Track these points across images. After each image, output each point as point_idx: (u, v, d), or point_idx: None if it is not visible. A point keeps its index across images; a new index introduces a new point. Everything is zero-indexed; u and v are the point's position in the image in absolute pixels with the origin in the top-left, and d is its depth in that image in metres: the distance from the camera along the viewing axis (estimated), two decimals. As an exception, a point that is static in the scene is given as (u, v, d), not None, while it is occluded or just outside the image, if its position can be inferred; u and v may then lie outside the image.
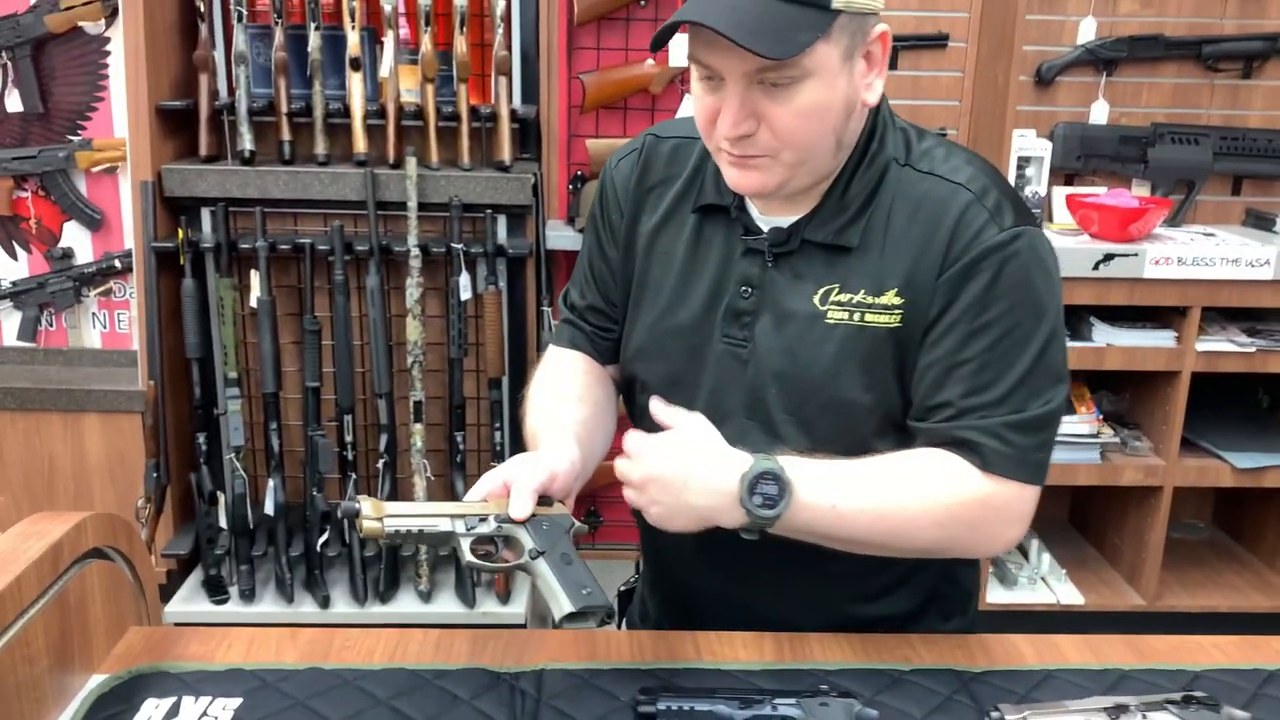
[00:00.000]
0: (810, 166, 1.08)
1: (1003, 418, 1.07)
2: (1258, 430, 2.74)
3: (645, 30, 2.67)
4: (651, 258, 1.22)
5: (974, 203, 1.08)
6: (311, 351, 2.49)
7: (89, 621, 1.01)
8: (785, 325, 1.13)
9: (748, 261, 1.15)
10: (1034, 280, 1.09)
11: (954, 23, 2.68)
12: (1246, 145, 2.71)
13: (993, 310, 1.07)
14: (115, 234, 2.76)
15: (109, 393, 2.61)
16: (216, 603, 2.55)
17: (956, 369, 1.08)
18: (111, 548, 1.06)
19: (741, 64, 1.01)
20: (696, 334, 1.18)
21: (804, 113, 1.03)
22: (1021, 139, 2.59)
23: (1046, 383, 1.09)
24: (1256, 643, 1.15)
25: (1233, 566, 2.88)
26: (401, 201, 2.45)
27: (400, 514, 1.00)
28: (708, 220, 1.19)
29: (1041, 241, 1.11)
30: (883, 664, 1.08)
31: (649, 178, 1.24)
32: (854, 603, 1.21)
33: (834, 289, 1.11)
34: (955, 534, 1.09)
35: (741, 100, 1.03)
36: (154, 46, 2.41)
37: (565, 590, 0.98)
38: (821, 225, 1.12)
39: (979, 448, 1.07)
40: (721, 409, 1.15)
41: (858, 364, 1.11)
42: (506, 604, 2.59)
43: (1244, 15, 2.68)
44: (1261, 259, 2.45)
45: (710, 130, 1.08)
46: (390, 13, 2.46)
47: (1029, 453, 1.08)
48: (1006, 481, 1.07)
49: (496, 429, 2.60)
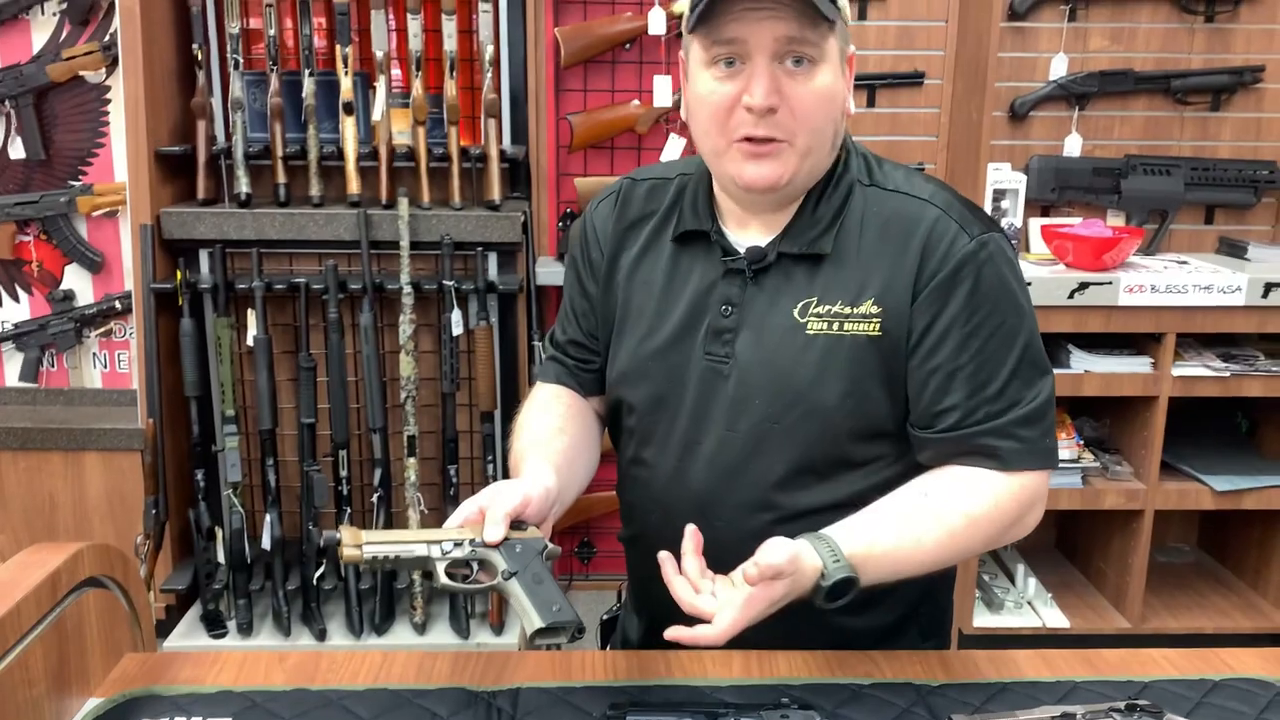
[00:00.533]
0: (813, 160, 1.17)
1: (1008, 416, 1.16)
2: (1237, 453, 2.79)
3: (630, 73, 2.75)
4: (632, 288, 1.29)
5: (942, 216, 1.17)
6: (307, 388, 2.55)
7: (86, 647, 1.06)
8: (766, 339, 1.20)
9: (727, 282, 1.22)
10: (1008, 280, 1.18)
11: (930, 61, 2.76)
12: (1217, 175, 2.77)
13: (980, 313, 1.16)
14: (115, 276, 2.83)
15: (109, 431, 2.67)
16: (215, 636, 2.59)
17: (957, 374, 1.16)
18: (107, 576, 1.11)
19: (773, 30, 1.09)
20: (677, 354, 1.24)
21: (820, 95, 1.13)
22: (997, 172, 2.66)
23: (1036, 373, 1.18)
24: (1205, 655, 1.19)
25: (1217, 589, 2.91)
26: (394, 241, 2.52)
27: (377, 540, 1.05)
28: (685, 248, 1.27)
29: (1006, 244, 1.20)
30: (845, 679, 1.13)
31: (626, 216, 1.32)
32: (839, 614, 1.26)
33: (812, 301, 1.18)
34: (995, 535, 1.18)
35: (770, 73, 1.11)
36: (153, 94, 2.48)
37: (536, 608, 1.04)
38: (795, 239, 1.20)
39: (998, 451, 1.16)
40: (704, 423, 1.22)
41: (839, 372, 1.17)
42: (500, 635, 2.64)
43: (1210, 50, 2.75)
44: (1234, 285, 2.51)
45: (725, 120, 1.14)
46: (382, 58, 2.54)
47: (1038, 441, 1.17)
48: (1028, 474, 1.17)
49: (489, 462, 2.65)
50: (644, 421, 1.28)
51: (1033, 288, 2.49)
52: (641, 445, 1.29)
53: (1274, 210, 2.85)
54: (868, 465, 1.20)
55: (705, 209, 1.26)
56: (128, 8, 2.42)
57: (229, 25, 2.53)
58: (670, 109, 2.73)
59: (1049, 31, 2.74)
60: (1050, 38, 2.74)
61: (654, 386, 1.26)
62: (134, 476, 2.64)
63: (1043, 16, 2.73)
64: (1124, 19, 2.74)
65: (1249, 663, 1.18)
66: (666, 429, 1.26)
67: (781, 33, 1.10)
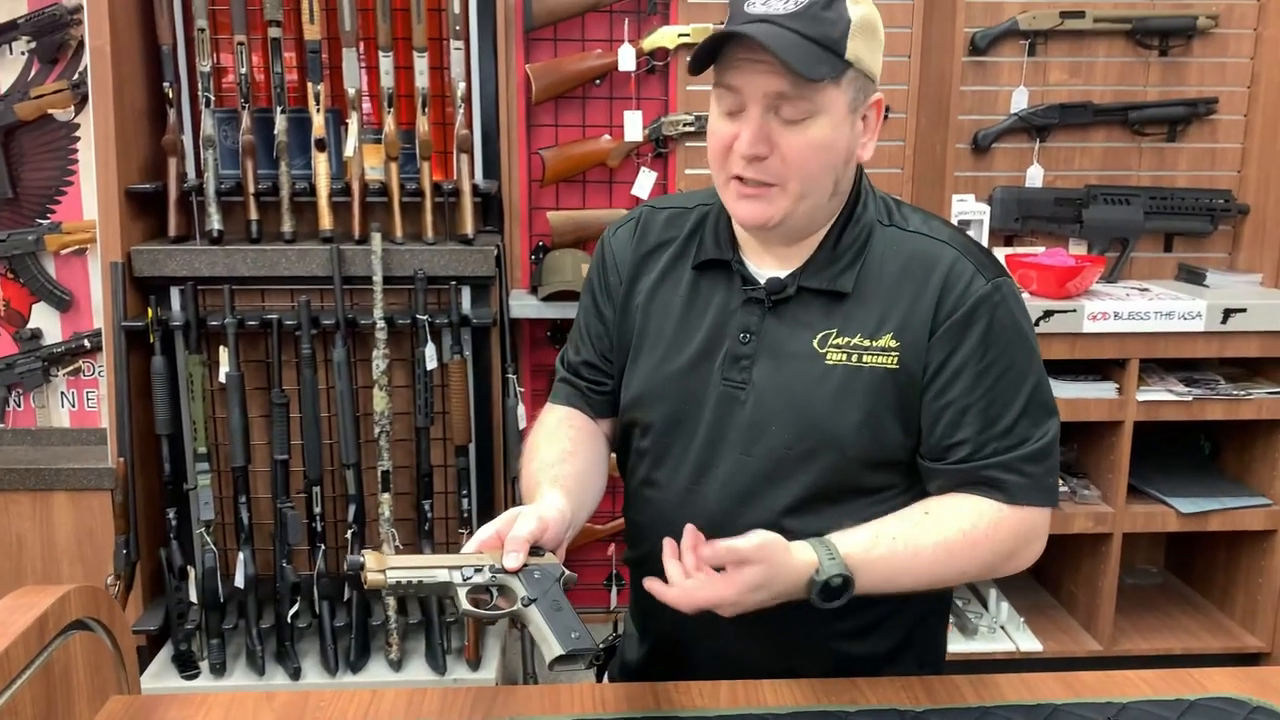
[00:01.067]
0: (810, 204, 1.20)
1: (1016, 452, 1.20)
2: (1201, 476, 2.84)
3: (601, 108, 2.79)
4: (650, 313, 1.32)
5: (959, 258, 1.22)
6: (280, 424, 2.54)
7: (73, 690, 1.06)
8: (784, 366, 1.23)
9: (746, 310, 1.26)
10: (1021, 323, 1.23)
11: (894, 95, 2.82)
12: (1175, 204, 2.85)
13: (993, 352, 1.20)
14: (84, 314, 2.81)
15: (78, 471, 2.64)
16: (187, 678, 2.56)
17: (969, 410, 1.20)
18: (93, 619, 1.10)
19: (765, 85, 1.13)
20: (695, 378, 1.27)
21: (813, 146, 1.16)
22: (961, 203, 2.72)
23: (1043, 414, 1.23)
24: (1180, 675, 1.22)
25: (1185, 610, 2.96)
26: (367, 276, 2.52)
27: (400, 566, 1.05)
28: (705, 276, 1.30)
29: (1016, 288, 1.25)
30: (831, 706, 1.14)
31: (646, 243, 1.35)
32: (839, 640, 1.29)
33: (832, 333, 1.22)
34: (994, 565, 1.21)
35: (760, 124, 1.15)
36: (124, 132, 2.48)
37: (555, 635, 1.03)
38: (817, 274, 1.24)
39: (1003, 484, 1.20)
40: (719, 447, 1.25)
41: (855, 402, 1.21)
42: (476, 670, 2.62)
43: (1165, 82, 2.83)
44: (1194, 312, 2.57)
45: (724, 158, 1.19)
46: (354, 95, 2.56)
47: (1042, 479, 1.22)
48: (1030, 509, 1.21)
49: (464, 496, 2.65)
50: (658, 443, 1.30)
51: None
52: (654, 466, 1.31)
53: (1230, 237, 2.92)
54: (878, 493, 1.23)
55: (726, 239, 1.29)
56: (98, 47, 2.42)
57: (200, 63, 2.54)
58: (641, 143, 2.76)
59: (1009, 66, 2.81)
60: (1011, 72, 2.81)
61: (670, 408, 1.28)
62: (104, 516, 2.61)
63: (1003, 51, 2.80)
64: (1082, 53, 2.82)
65: (1222, 682, 1.21)
66: (681, 451, 1.28)
67: (773, 88, 1.13)
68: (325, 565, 2.57)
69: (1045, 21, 2.75)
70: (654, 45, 2.71)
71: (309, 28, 2.53)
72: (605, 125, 2.79)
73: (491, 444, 2.73)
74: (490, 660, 2.64)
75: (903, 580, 1.16)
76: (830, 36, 1.14)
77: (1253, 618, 2.81)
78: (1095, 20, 2.76)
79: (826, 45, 1.13)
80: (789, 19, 1.13)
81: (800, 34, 1.12)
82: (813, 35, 1.13)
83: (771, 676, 1.22)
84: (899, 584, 1.16)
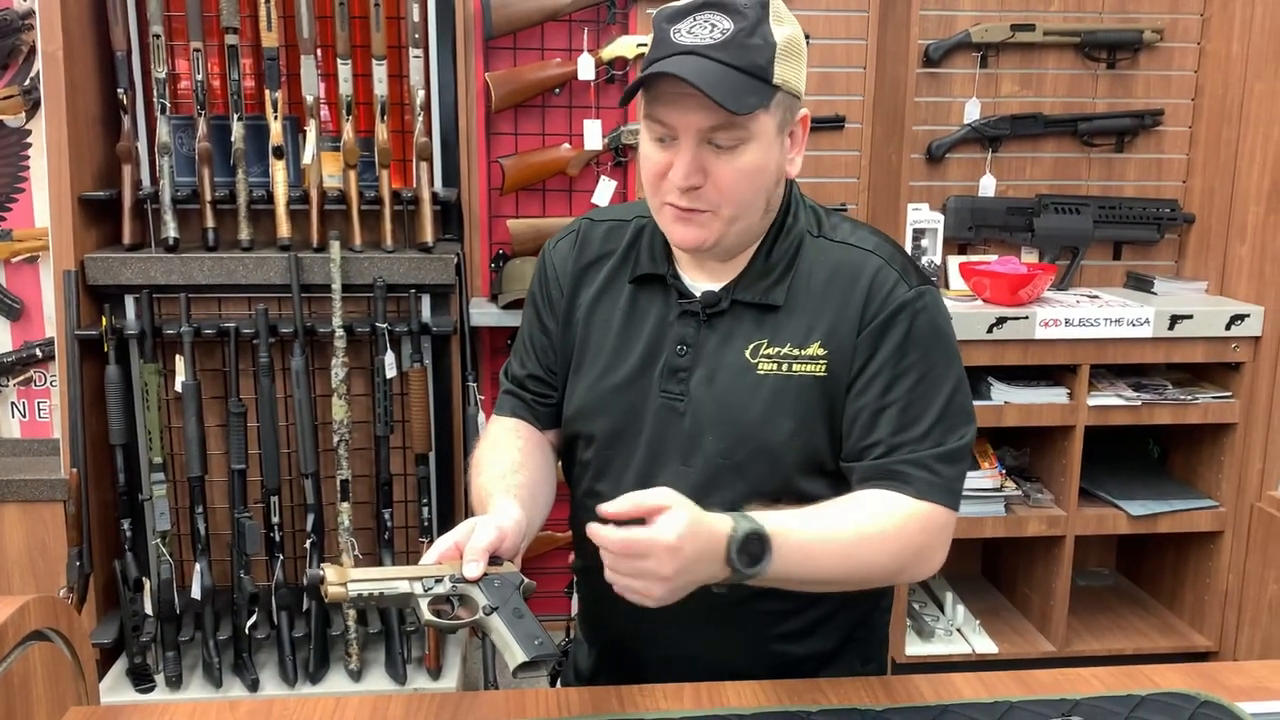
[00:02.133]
0: (743, 225, 1.22)
1: (928, 451, 1.20)
2: (1150, 479, 2.91)
3: (560, 116, 2.80)
4: (591, 326, 1.33)
5: (884, 266, 1.24)
6: (237, 434, 2.51)
7: (31, 702, 1.05)
8: (719, 378, 1.25)
9: (682, 323, 1.28)
10: (942, 329, 1.25)
11: (850, 106, 2.86)
12: (1123, 213, 2.91)
13: (910, 357, 1.22)
14: (36, 323, 2.76)
15: (29, 482, 2.59)
16: (142, 691, 2.52)
17: (884, 411, 1.21)
18: (53, 629, 1.09)
19: (697, 121, 1.14)
20: (634, 391, 1.29)
21: (745, 172, 1.17)
22: (916, 212, 2.76)
23: (960, 419, 1.23)
24: (1131, 672, 1.25)
25: (1136, 611, 3.02)
26: (326, 284, 2.51)
27: (362, 579, 1.06)
28: (643, 289, 1.31)
29: (941, 299, 1.27)
30: (793, 707, 1.16)
31: (585, 255, 1.36)
32: (781, 641, 1.31)
33: (763, 343, 1.24)
34: (905, 561, 1.19)
35: (694, 155, 1.16)
36: (76, 139, 2.45)
37: (518, 642, 1.04)
38: (749, 287, 1.26)
39: (911, 479, 1.20)
40: (659, 458, 1.27)
41: (787, 410, 1.22)
42: (437, 679, 2.61)
43: (1113, 95, 2.90)
44: (1142, 318, 2.63)
45: (659, 185, 1.20)
46: (312, 102, 2.55)
47: (952, 482, 1.22)
48: (936, 508, 1.20)
49: (424, 505, 2.64)
50: (600, 455, 1.31)
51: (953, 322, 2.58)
52: (597, 478, 1.32)
53: (1176, 246, 2.99)
54: (815, 499, 1.24)
55: (662, 253, 1.31)
56: (50, 53, 2.39)
57: (155, 70, 2.52)
58: (601, 152, 2.78)
59: (962, 77, 2.86)
60: (964, 83, 2.86)
61: (611, 421, 1.30)
62: (56, 528, 2.57)
63: (956, 63, 2.85)
64: (1032, 65, 2.87)
65: (1172, 678, 1.24)
66: (623, 463, 1.29)
67: (705, 123, 1.15)
68: (284, 575, 2.55)
69: (997, 34, 2.80)
70: (613, 55, 2.73)
71: (266, 34, 2.52)
72: (565, 134, 2.80)
73: (452, 452, 2.73)
74: (451, 669, 2.63)
75: (819, 562, 1.13)
76: (758, 64, 1.14)
77: (1200, 617, 2.87)
78: (1045, 33, 2.82)
79: (754, 74, 1.14)
80: (716, 49, 1.13)
81: (728, 65, 1.13)
82: (741, 65, 1.13)
83: (716, 678, 1.23)
84: (815, 566, 1.13)
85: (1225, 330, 2.65)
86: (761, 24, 1.15)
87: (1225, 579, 2.79)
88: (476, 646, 2.74)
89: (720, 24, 1.14)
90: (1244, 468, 2.73)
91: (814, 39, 2.80)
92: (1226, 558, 2.78)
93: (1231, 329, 2.65)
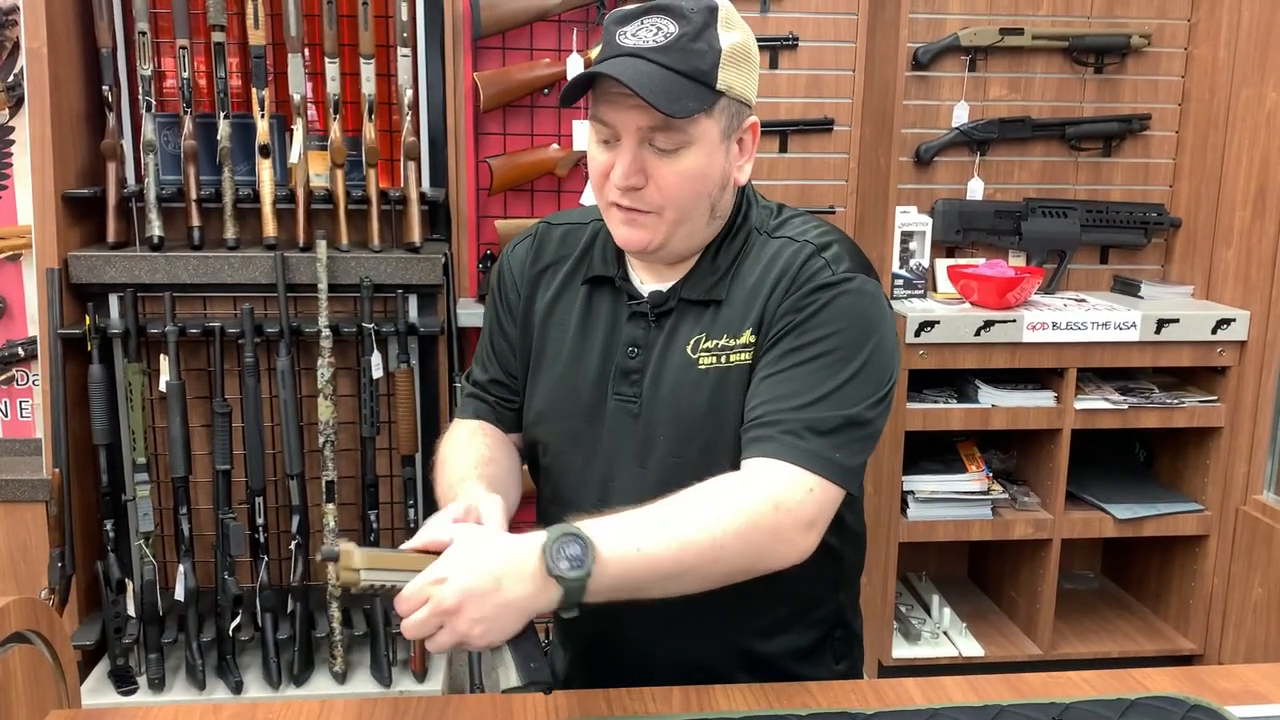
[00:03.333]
0: (688, 229, 1.22)
1: (799, 415, 1.14)
2: (1136, 482, 2.92)
3: (549, 117, 2.79)
4: (548, 330, 1.33)
5: (815, 254, 1.23)
6: (222, 434, 2.49)
7: (12, 704, 1.03)
8: (666, 377, 1.24)
9: (633, 325, 1.28)
10: (861, 314, 1.20)
11: (838, 108, 2.86)
12: (1110, 217, 2.92)
13: (815, 333, 1.18)
14: (18, 321, 2.74)
15: (10, 482, 2.56)
16: (124, 694, 2.50)
17: (770, 378, 1.18)
18: (33, 631, 1.08)
19: (637, 120, 1.14)
20: (591, 394, 1.28)
21: (686, 175, 1.17)
22: (904, 215, 2.76)
23: (852, 402, 1.16)
24: (1121, 676, 1.25)
25: (1121, 614, 3.03)
26: (312, 284, 2.50)
27: (375, 568, 1.01)
28: (596, 292, 1.31)
29: (874, 288, 1.22)
30: (782, 710, 1.15)
31: (542, 259, 1.36)
32: (753, 638, 1.31)
33: (701, 337, 1.24)
34: (759, 543, 1.10)
35: (634, 156, 1.16)
36: (60, 136, 2.43)
37: (515, 663, 1.03)
38: (695, 286, 1.26)
39: (771, 442, 1.14)
40: (617, 461, 1.26)
41: (728, 402, 1.22)
42: (423, 682, 2.60)
43: (1100, 99, 2.91)
44: (1129, 322, 2.64)
45: (603, 184, 1.21)
46: (299, 101, 2.53)
47: (819, 448, 1.13)
48: (793, 476, 1.12)
49: (410, 506, 2.63)
50: (559, 460, 1.31)
51: (941, 326, 2.59)
52: (558, 484, 1.32)
53: (1163, 250, 3.00)
54: None
55: (613, 255, 1.31)
56: (34, 49, 2.37)
57: (141, 67, 2.50)
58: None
59: (951, 81, 2.86)
60: (952, 87, 2.87)
61: (568, 426, 1.30)
62: (38, 529, 2.54)
63: (945, 66, 2.85)
64: (1021, 69, 2.88)
65: (1161, 682, 1.24)
66: (582, 467, 1.29)
67: (645, 123, 1.15)
68: (268, 577, 2.53)
69: (985, 38, 2.81)
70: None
71: (253, 32, 2.50)
72: (553, 134, 2.80)
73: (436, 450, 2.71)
74: (437, 672, 2.62)
75: (658, 551, 1.05)
76: (700, 69, 1.14)
77: (1185, 620, 2.88)
78: (1033, 37, 2.83)
79: (696, 78, 1.14)
80: (657, 53, 1.13)
81: (668, 68, 1.13)
82: (682, 69, 1.13)
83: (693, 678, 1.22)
84: (656, 559, 1.05)
85: (1211, 334, 2.66)
86: (708, 29, 1.15)
87: (1210, 582, 2.80)
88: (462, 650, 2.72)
89: (665, 27, 1.14)
90: (1229, 471, 2.74)
91: (803, 41, 2.80)
92: (1212, 561, 2.79)
93: (1217, 333, 2.66)
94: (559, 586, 1.00)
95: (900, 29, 2.61)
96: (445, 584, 0.99)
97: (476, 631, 0.99)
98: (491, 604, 0.99)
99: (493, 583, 0.99)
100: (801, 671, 1.32)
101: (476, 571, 0.99)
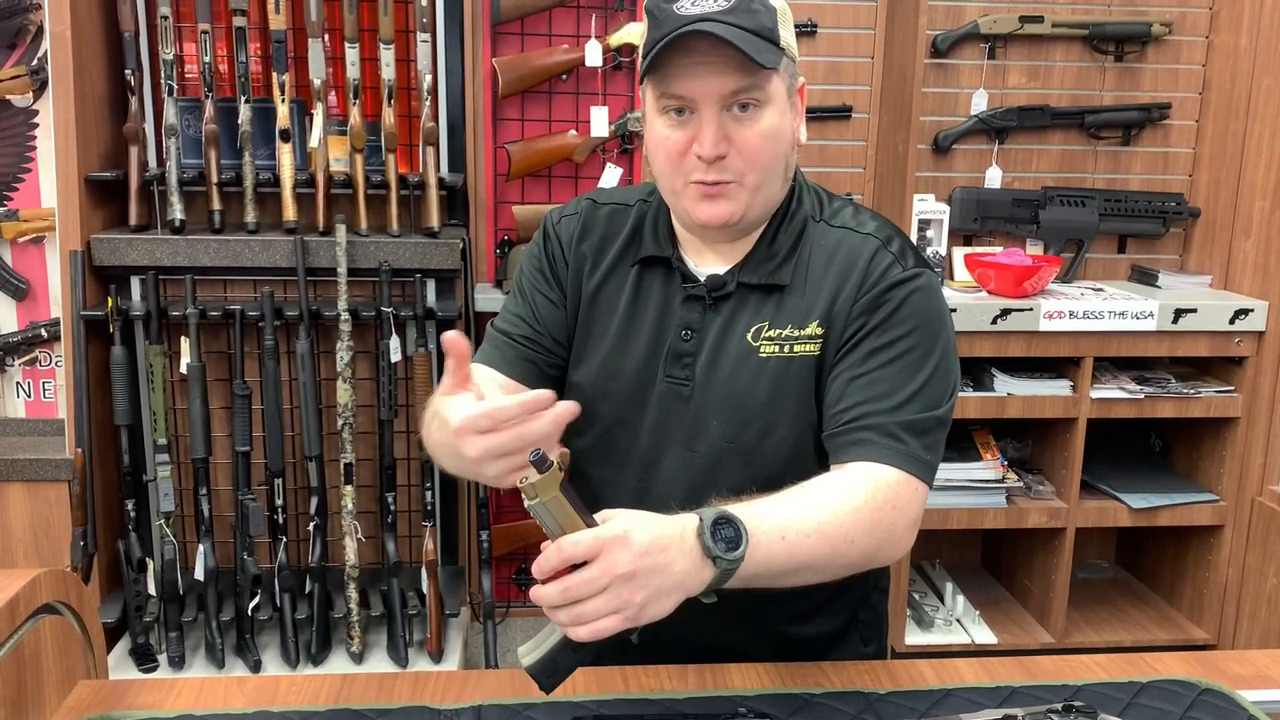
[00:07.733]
0: (765, 194, 1.22)
1: (895, 418, 1.17)
2: (1151, 472, 2.91)
3: (567, 103, 2.80)
4: (594, 310, 1.33)
5: (881, 248, 1.24)
6: (242, 416, 2.52)
7: (42, 674, 1.05)
8: (724, 362, 1.25)
9: (687, 308, 1.27)
10: (934, 311, 1.23)
11: (856, 95, 2.85)
12: (1129, 206, 2.91)
13: (895, 332, 1.21)
14: (41, 303, 2.77)
15: (34, 461, 2.60)
16: (145, 671, 2.53)
17: (857, 379, 1.20)
18: (62, 603, 1.10)
19: (719, 87, 1.15)
20: (640, 375, 1.29)
21: (766, 135, 1.18)
22: (922, 203, 2.76)
23: (935, 401, 1.20)
24: (1132, 659, 1.26)
25: (1135, 603, 3.03)
26: (331, 268, 2.52)
27: (550, 514, 0.95)
28: (647, 273, 1.31)
29: (936, 282, 1.27)
30: (796, 689, 1.17)
31: (588, 239, 1.35)
32: (787, 623, 1.32)
33: (764, 326, 1.24)
34: (879, 539, 1.12)
35: (718, 123, 1.16)
36: (84, 119, 2.45)
37: (550, 652, 1.00)
38: (754, 270, 1.26)
39: (874, 445, 1.16)
40: (663, 443, 1.27)
41: (789, 392, 1.23)
42: (439, 662, 2.62)
43: (1120, 87, 2.90)
44: (1146, 311, 2.63)
45: (680, 164, 1.20)
46: (319, 86, 2.55)
47: (919, 451, 1.17)
48: (900, 474, 1.14)
49: (427, 489, 2.65)
50: (603, 440, 1.31)
51: (957, 314, 2.59)
52: (600, 463, 1.32)
53: (1181, 240, 2.99)
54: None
55: (666, 236, 1.30)
56: (58, 33, 2.39)
57: (163, 51, 2.52)
58: (607, 139, 2.78)
59: (970, 68, 2.86)
60: (971, 74, 2.86)
61: (615, 406, 1.30)
62: (60, 508, 2.58)
63: (964, 54, 2.85)
64: (1040, 57, 2.87)
65: (1173, 666, 1.25)
66: (626, 447, 1.29)
67: (727, 88, 1.15)
68: (287, 557, 2.56)
69: (1005, 25, 2.80)
70: (620, 41, 2.73)
71: (274, 17, 2.52)
72: (571, 120, 2.80)
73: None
74: (453, 652, 2.65)
75: (797, 544, 1.05)
76: (766, 26, 1.16)
77: (1199, 611, 2.88)
78: (1053, 25, 2.81)
79: (765, 35, 1.16)
80: (727, 14, 1.14)
81: (741, 27, 1.14)
82: (751, 27, 1.14)
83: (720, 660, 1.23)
84: (792, 548, 1.05)
85: (1229, 324, 2.65)
86: None
87: (1225, 573, 2.80)
88: (478, 631, 2.75)
89: None
90: (1245, 462, 2.74)
91: (822, 28, 2.80)
92: (1226, 552, 2.79)
93: (1235, 323, 2.65)
94: (714, 568, 0.98)
95: (919, 16, 2.60)
96: (625, 547, 0.94)
97: (638, 599, 0.94)
98: (662, 577, 0.95)
99: (664, 556, 0.96)
100: (831, 655, 1.33)
101: (654, 542, 0.95)
